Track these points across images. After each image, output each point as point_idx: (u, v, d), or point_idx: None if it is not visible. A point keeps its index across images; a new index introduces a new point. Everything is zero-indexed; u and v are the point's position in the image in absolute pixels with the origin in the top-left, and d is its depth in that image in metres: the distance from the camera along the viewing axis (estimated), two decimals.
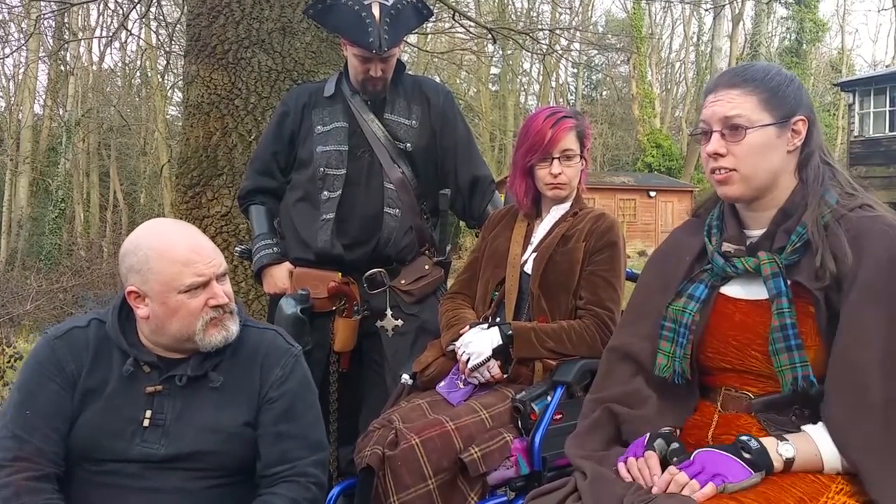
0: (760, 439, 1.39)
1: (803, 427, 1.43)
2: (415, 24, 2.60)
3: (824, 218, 1.46)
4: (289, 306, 2.39)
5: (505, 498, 1.93)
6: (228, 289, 1.75)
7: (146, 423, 1.69)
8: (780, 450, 1.38)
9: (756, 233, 1.55)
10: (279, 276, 2.53)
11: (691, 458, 1.39)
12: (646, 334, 1.63)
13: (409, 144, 2.53)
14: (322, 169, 2.50)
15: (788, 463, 1.37)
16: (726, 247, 1.54)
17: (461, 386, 2.13)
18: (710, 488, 1.32)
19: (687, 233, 1.69)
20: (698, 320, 1.54)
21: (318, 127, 2.55)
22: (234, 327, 1.75)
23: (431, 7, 2.63)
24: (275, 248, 2.57)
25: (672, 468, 1.39)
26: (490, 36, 8.70)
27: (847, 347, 1.38)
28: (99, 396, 1.71)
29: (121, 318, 1.77)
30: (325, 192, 2.49)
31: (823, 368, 1.42)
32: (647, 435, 1.49)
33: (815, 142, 1.53)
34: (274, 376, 1.77)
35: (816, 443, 1.39)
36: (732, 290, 1.55)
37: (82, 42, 22.55)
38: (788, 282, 1.45)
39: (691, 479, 1.35)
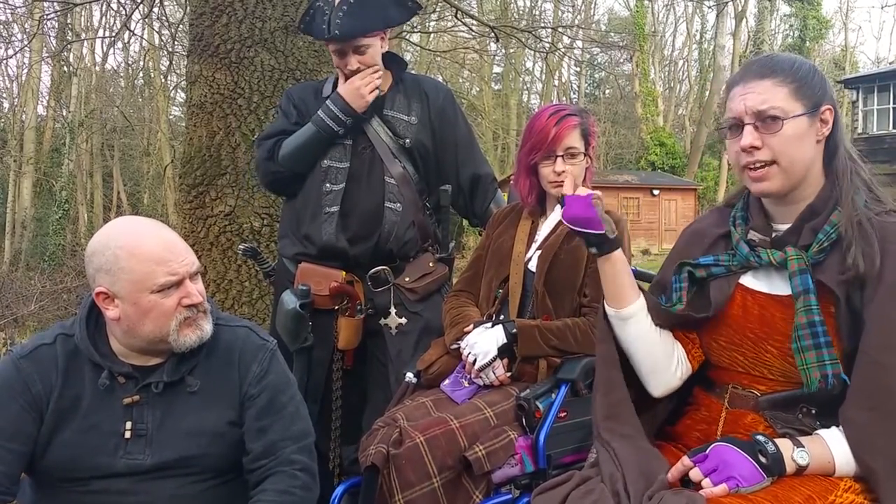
0: (776, 441, 1.38)
1: (819, 432, 1.42)
2: (396, 15, 2.56)
3: (857, 216, 1.44)
4: (289, 301, 2.40)
5: (509, 496, 1.93)
6: (201, 287, 1.70)
7: (128, 434, 1.66)
8: (794, 456, 1.37)
9: (781, 227, 1.53)
10: (348, 84, 2.45)
11: (706, 452, 1.39)
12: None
13: (408, 140, 2.53)
14: (326, 162, 2.50)
15: (801, 469, 1.37)
16: (752, 235, 1.53)
17: (465, 384, 2.12)
18: (721, 489, 1.32)
19: (712, 219, 1.68)
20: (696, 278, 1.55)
21: None
22: (207, 326, 1.70)
23: (433, 7, 2.61)
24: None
25: (686, 460, 1.39)
26: (493, 34, 8.70)
27: (872, 350, 1.37)
28: (74, 415, 1.66)
29: (89, 328, 1.71)
30: (328, 184, 2.48)
31: (842, 368, 1.41)
32: None
33: (839, 131, 1.51)
34: (252, 373, 1.75)
35: (831, 449, 1.38)
36: (753, 281, 1.53)
37: (85, 43, 22.62)
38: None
39: (705, 476, 1.34)
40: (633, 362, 1.63)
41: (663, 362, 1.60)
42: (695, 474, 1.36)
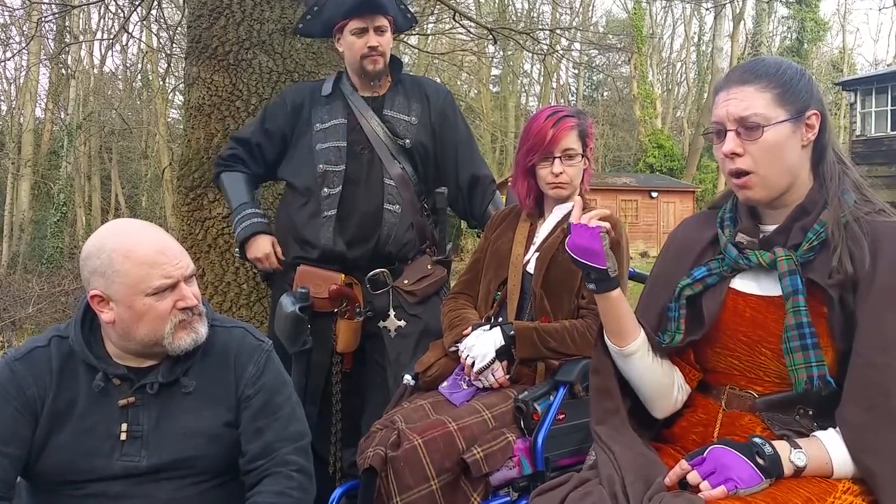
0: (774, 444, 1.38)
1: (816, 433, 1.42)
2: (400, 20, 2.59)
3: (844, 217, 1.44)
4: (288, 304, 2.39)
5: (508, 499, 1.92)
6: (196, 290, 1.69)
7: (123, 436, 1.65)
8: (792, 457, 1.37)
9: (770, 227, 1.53)
10: (265, 244, 2.55)
11: (703, 455, 1.39)
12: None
13: (408, 141, 2.53)
14: (321, 166, 2.50)
15: (799, 471, 1.37)
16: (740, 237, 1.52)
17: (464, 386, 2.12)
18: (720, 491, 1.32)
19: (698, 224, 1.67)
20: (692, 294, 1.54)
21: (317, 124, 2.55)
22: (203, 329, 1.70)
23: (431, 9, 2.64)
24: (263, 219, 2.59)
25: (684, 464, 1.39)
26: (491, 36, 8.68)
27: (866, 351, 1.37)
28: (69, 417, 1.65)
29: (84, 330, 1.70)
30: (326, 189, 2.48)
31: (834, 370, 1.42)
32: None
33: (827, 136, 1.50)
34: (248, 374, 1.74)
35: (828, 451, 1.38)
36: (743, 284, 1.53)
37: (83, 45, 22.61)
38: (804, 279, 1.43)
39: (703, 479, 1.34)
40: (635, 391, 1.63)
41: (665, 391, 1.61)
42: (693, 477, 1.36)
